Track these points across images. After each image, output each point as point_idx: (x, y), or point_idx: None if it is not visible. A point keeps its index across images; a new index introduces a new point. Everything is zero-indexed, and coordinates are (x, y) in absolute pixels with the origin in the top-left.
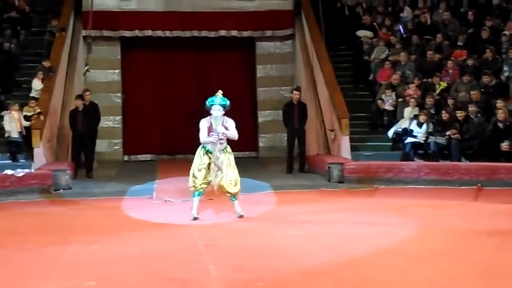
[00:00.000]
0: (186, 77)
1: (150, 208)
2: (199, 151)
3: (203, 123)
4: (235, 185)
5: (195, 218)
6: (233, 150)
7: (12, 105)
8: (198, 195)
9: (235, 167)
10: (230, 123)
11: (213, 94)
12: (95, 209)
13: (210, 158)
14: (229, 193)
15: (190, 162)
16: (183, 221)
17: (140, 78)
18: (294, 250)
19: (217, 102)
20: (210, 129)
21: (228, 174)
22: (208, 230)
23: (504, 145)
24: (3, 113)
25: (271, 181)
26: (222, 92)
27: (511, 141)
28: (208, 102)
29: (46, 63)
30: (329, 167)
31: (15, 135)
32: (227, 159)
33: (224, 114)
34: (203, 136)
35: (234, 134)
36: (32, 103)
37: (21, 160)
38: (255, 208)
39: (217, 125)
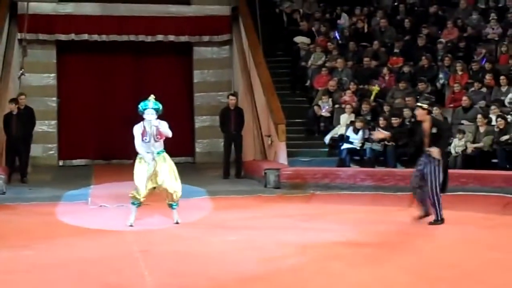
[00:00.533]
0: (122, 82)
1: (85, 213)
2: (137, 160)
3: (137, 130)
4: (178, 194)
5: (131, 225)
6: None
7: None
8: (137, 205)
9: (178, 176)
10: (163, 124)
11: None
12: (29, 214)
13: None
14: (172, 201)
15: (125, 167)
16: (119, 227)
17: (76, 82)
18: (230, 256)
19: (150, 106)
20: (143, 134)
21: (173, 183)
22: (143, 235)
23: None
24: None
25: (207, 186)
26: (154, 96)
27: None
28: (140, 107)
29: None
30: (265, 173)
31: None
32: (169, 166)
33: (159, 119)
34: (138, 143)
35: (167, 131)
36: None
37: None
38: (191, 214)
39: (151, 128)
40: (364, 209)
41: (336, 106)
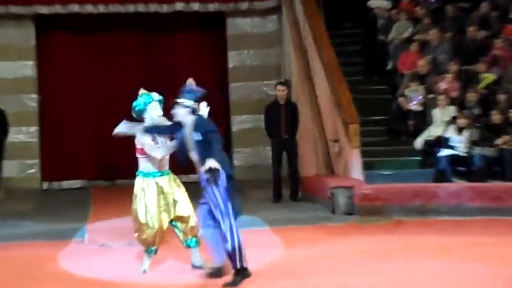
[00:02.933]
0: (129, 70)
1: (80, 256)
2: (140, 184)
3: (144, 137)
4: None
5: (144, 272)
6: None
7: None
8: (152, 252)
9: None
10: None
11: (166, 91)
12: (0, 260)
13: (161, 189)
14: (193, 235)
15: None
16: (129, 276)
17: (64, 72)
18: None
19: (156, 98)
20: (155, 139)
21: (192, 213)
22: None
23: None
24: None
25: (251, 213)
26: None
27: None
28: (142, 103)
29: None
30: (332, 193)
31: None
32: (183, 190)
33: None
34: (152, 147)
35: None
36: None
37: None
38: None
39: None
40: (475, 242)
41: (430, 96)
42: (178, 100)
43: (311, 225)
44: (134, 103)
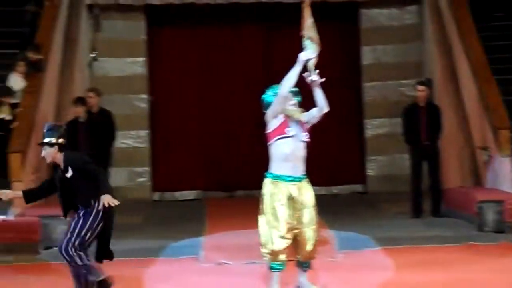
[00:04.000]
0: (248, 67)
1: (195, 276)
2: (269, 187)
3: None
4: (314, 245)
5: None
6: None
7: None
8: (279, 268)
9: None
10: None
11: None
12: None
13: (291, 194)
14: (309, 257)
15: (255, 201)
16: None
17: (178, 70)
18: None
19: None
20: (284, 125)
21: (315, 230)
22: None
23: None
24: None
25: (387, 230)
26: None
27: None
28: (273, 94)
29: (32, 55)
30: (480, 208)
31: None
32: (310, 193)
33: None
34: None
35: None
36: (7, 98)
37: None
38: (359, 276)
39: (295, 113)
40: None
41: None
42: (44, 141)
43: (454, 244)
44: (263, 96)
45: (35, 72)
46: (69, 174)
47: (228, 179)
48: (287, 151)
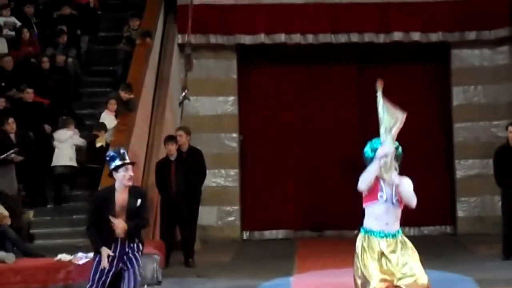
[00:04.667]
0: (340, 107)
1: None
2: (360, 241)
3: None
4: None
5: None
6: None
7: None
8: None
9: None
10: (405, 182)
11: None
12: None
13: (383, 253)
14: None
15: (346, 242)
16: None
17: (268, 109)
18: None
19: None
20: (376, 190)
21: (423, 274)
22: None
23: None
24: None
25: (478, 272)
26: None
27: None
28: (371, 150)
29: (124, 94)
30: None
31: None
32: (412, 250)
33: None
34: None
35: (410, 195)
36: (101, 132)
37: None
38: None
39: (388, 172)
40: None
41: None
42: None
43: None
44: (364, 149)
45: (126, 111)
46: (138, 203)
47: (317, 219)
48: (380, 213)
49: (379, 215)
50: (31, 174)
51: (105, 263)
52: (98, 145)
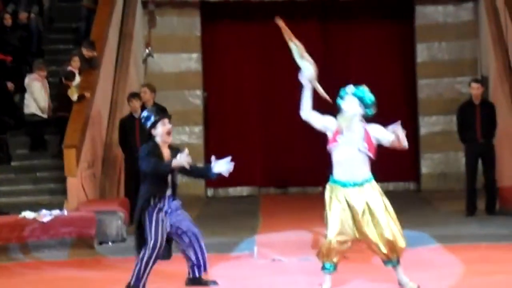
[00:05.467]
0: None
1: (249, 272)
2: (328, 191)
3: (330, 120)
4: (401, 243)
5: None
6: None
7: (39, 69)
8: (330, 269)
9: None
10: (375, 129)
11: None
12: (162, 276)
13: (348, 203)
14: (393, 254)
15: (311, 198)
16: None
17: (232, 65)
18: None
19: (350, 91)
20: (336, 134)
21: (392, 227)
22: None
23: None
24: (28, 78)
25: (441, 228)
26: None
27: None
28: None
29: (86, 51)
30: None
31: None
32: (382, 201)
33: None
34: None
35: (387, 136)
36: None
37: None
38: (419, 273)
39: (347, 125)
40: None
41: None
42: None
43: (509, 242)
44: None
45: (89, 69)
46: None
47: (282, 176)
48: (340, 159)
49: (340, 161)
50: None
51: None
52: (74, 98)
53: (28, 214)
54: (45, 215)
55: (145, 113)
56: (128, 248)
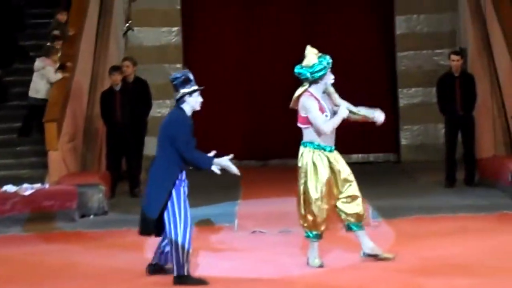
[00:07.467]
0: (284, 38)
1: (229, 244)
2: (311, 159)
3: (311, 102)
4: (358, 204)
5: (321, 266)
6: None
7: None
8: (316, 238)
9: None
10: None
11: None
12: (143, 246)
13: (332, 168)
14: (359, 219)
15: (291, 170)
16: (289, 269)
17: (212, 40)
18: None
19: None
20: (321, 109)
21: (358, 192)
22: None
23: None
24: (42, 63)
25: (420, 199)
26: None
27: None
28: (327, 64)
29: (60, 15)
30: None
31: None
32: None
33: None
34: (321, 121)
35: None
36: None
37: None
38: (398, 244)
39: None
40: None
41: None
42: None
43: (488, 213)
44: (314, 64)
45: (62, 34)
46: None
47: (263, 149)
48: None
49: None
50: None
51: (234, 169)
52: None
53: (9, 188)
54: (27, 189)
55: (185, 74)
56: (109, 221)
